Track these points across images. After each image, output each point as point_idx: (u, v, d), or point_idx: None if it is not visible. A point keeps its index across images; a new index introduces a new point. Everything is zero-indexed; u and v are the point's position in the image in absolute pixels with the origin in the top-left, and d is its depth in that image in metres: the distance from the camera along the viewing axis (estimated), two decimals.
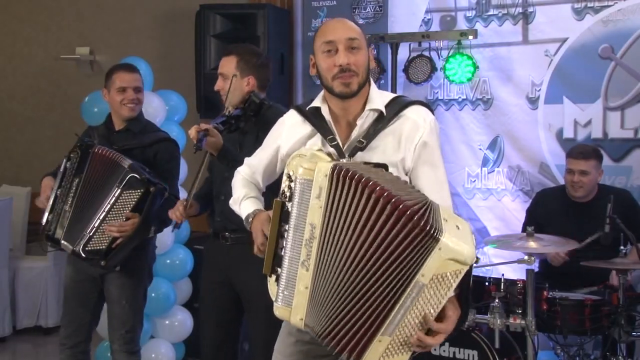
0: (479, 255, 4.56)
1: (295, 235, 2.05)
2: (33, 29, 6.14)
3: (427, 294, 1.92)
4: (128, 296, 3.41)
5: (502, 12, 4.52)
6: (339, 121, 2.23)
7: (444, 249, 1.87)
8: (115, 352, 3.48)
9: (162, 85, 4.68)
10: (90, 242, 3.22)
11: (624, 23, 4.21)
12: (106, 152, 3.26)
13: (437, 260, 1.88)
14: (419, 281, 1.90)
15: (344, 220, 1.96)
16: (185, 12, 5.20)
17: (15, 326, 5.31)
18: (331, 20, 2.25)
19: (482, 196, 4.65)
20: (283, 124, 2.35)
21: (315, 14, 5.06)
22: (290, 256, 2.06)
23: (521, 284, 3.49)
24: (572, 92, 4.36)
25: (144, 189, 3.20)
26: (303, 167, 2.04)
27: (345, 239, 1.96)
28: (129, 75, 3.43)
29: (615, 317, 3.41)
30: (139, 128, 3.47)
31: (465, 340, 3.49)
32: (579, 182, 3.84)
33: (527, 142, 4.51)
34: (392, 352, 1.98)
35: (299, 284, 2.04)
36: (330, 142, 2.18)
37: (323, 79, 2.18)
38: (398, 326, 1.94)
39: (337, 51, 2.13)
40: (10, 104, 6.24)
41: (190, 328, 4.48)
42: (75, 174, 3.27)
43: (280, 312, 2.11)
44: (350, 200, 1.95)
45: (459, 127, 4.69)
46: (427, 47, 4.48)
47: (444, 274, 1.90)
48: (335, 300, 1.99)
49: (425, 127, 2.20)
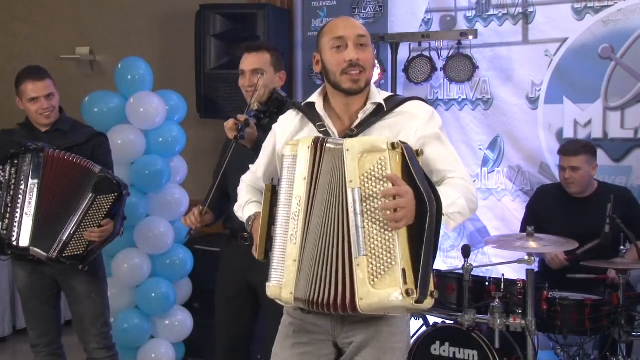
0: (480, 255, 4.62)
1: (284, 212, 2.09)
2: (33, 29, 6.13)
3: (369, 195, 1.97)
4: (96, 289, 3.44)
5: (502, 12, 4.52)
6: (341, 116, 2.25)
7: (351, 148, 1.99)
8: (92, 351, 3.47)
9: (162, 85, 4.68)
10: (67, 248, 3.22)
11: (624, 23, 4.21)
12: (63, 154, 3.25)
13: (352, 161, 1.98)
14: (351, 188, 1.98)
15: (327, 186, 2.03)
16: (185, 12, 5.19)
17: (15, 326, 5.30)
18: (338, 19, 2.29)
19: (482, 196, 4.65)
20: (277, 124, 2.40)
21: (315, 14, 5.05)
22: (281, 234, 2.09)
23: (521, 284, 3.49)
24: (572, 92, 4.36)
25: (118, 193, 3.24)
26: (289, 145, 2.11)
27: (324, 201, 2.03)
28: (38, 84, 3.38)
29: (615, 317, 3.41)
30: (67, 127, 3.46)
31: (465, 340, 3.49)
32: (571, 178, 3.85)
33: (527, 142, 4.51)
34: (379, 268, 1.97)
35: (288, 259, 2.06)
36: (319, 128, 2.21)
37: (331, 74, 2.20)
38: (365, 239, 1.97)
39: (346, 47, 2.17)
40: (10, 103, 6.19)
41: (190, 328, 4.48)
42: (32, 177, 3.22)
43: (272, 291, 2.11)
44: (327, 164, 2.03)
45: (459, 127, 4.68)
46: (427, 47, 4.48)
47: (369, 170, 1.98)
48: (316, 262, 2.02)
49: (423, 117, 2.23)
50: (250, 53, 3.17)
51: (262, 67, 3.12)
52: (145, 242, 4.30)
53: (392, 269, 1.95)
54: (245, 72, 3.15)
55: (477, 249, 4.56)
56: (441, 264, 4.65)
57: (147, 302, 4.31)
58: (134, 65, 4.48)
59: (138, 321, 4.31)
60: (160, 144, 4.41)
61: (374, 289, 1.95)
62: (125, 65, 4.48)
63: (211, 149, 4.72)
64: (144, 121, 4.34)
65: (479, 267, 3.83)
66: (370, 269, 1.96)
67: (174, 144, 4.46)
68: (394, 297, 1.95)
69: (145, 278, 4.33)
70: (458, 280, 3.59)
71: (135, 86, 4.40)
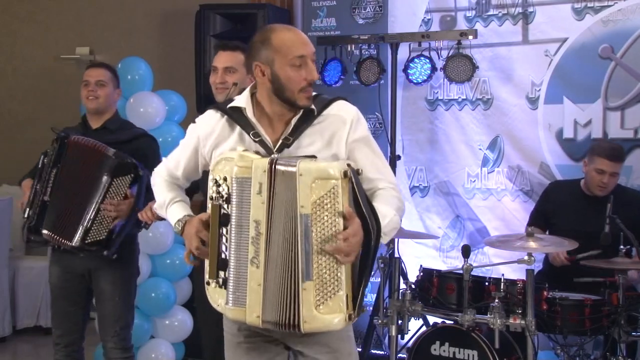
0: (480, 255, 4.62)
1: (240, 235, 2.09)
2: (33, 29, 6.14)
3: (318, 223, 2.00)
4: (121, 292, 3.44)
5: (502, 12, 4.52)
6: (274, 123, 2.24)
7: (304, 173, 2.00)
8: (109, 350, 3.48)
9: (162, 85, 4.68)
10: (89, 234, 3.23)
11: (624, 23, 4.21)
12: (83, 140, 3.29)
13: (305, 185, 1.99)
14: (302, 214, 2.00)
15: (282, 208, 2.04)
16: (185, 12, 5.19)
17: (15, 326, 5.31)
18: (289, 31, 2.24)
19: (482, 196, 4.65)
20: (201, 122, 2.35)
21: (315, 14, 5.06)
22: (237, 257, 2.09)
23: (521, 284, 3.49)
24: (572, 92, 4.36)
25: (134, 174, 3.26)
26: (238, 166, 2.08)
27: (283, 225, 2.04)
28: (92, 70, 3.53)
29: (615, 317, 3.41)
30: (116, 126, 3.51)
31: (465, 341, 3.49)
32: (609, 184, 3.82)
33: (527, 142, 4.51)
34: (325, 294, 2.02)
35: (251, 282, 2.07)
36: (254, 137, 2.20)
37: (287, 91, 2.18)
38: (311, 266, 2.01)
39: (306, 65, 2.17)
40: (10, 103, 6.24)
41: (190, 328, 4.48)
42: (53, 166, 3.28)
43: (234, 314, 2.12)
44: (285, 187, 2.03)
45: (459, 127, 4.68)
46: (427, 47, 4.48)
47: (321, 197, 2.00)
48: (285, 286, 2.04)
49: (352, 122, 2.25)
50: (225, 51, 3.18)
51: (234, 66, 3.13)
52: (145, 242, 4.28)
53: (337, 295, 2.03)
54: (217, 69, 3.17)
55: (476, 249, 4.56)
56: (441, 264, 4.65)
57: (147, 302, 4.31)
58: (134, 65, 4.48)
59: (138, 321, 4.29)
60: (160, 144, 4.39)
61: (319, 314, 2.03)
62: (125, 65, 4.48)
63: None
64: (144, 121, 4.32)
65: (479, 267, 3.83)
66: (317, 294, 2.02)
67: (174, 144, 4.38)
68: (336, 321, 2.04)
69: (145, 278, 4.33)
70: (458, 280, 3.59)
71: (135, 86, 4.40)
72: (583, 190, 3.96)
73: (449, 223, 4.76)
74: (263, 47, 2.19)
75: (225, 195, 2.11)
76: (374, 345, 4.52)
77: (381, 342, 4.61)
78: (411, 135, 4.82)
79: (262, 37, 2.20)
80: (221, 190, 2.12)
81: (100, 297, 3.45)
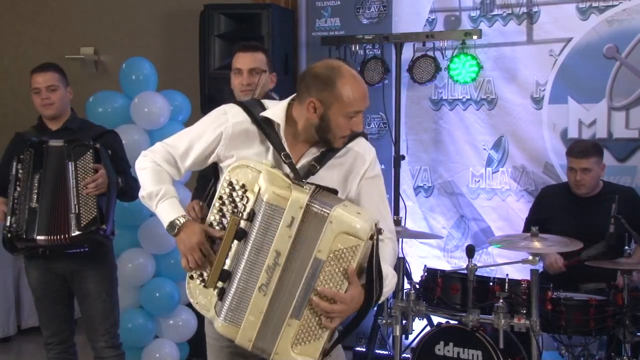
0: (484, 255, 4.62)
1: (257, 259, 2.07)
2: (38, 29, 6.15)
3: (327, 272, 2.02)
4: (107, 289, 3.48)
5: (507, 12, 4.52)
6: (298, 141, 2.22)
7: (335, 222, 2.00)
8: (101, 350, 3.49)
9: (166, 85, 4.69)
10: (81, 218, 3.25)
11: (628, 23, 4.21)
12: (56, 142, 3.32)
13: (331, 233, 1.99)
14: (317, 257, 2.01)
15: (300, 245, 2.04)
16: (189, 12, 5.20)
17: (19, 325, 5.32)
18: (359, 84, 2.16)
19: (486, 196, 4.65)
20: (227, 120, 2.24)
21: (320, 14, 5.06)
22: (247, 279, 2.08)
23: (525, 284, 3.48)
24: (576, 92, 4.36)
25: (92, 149, 3.31)
26: (275, 193, 2.05)
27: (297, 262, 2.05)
28: (40, 75, 3.45)
29: (620, 318, 3.40)
30: (76, 125, 3.53)
31: (470, 341, 3.49)
32: (582, 180, 3.84)
33: (531, 142, 4.50)
34: (305, 338, 2.06)
35: (254, 307, 2.07)
36: (284, 158, 2.16)
37: (329, 133, 2.15)
38: (304, 307, 2.04)
39: (357, 117, 2.15)
40: (15, 104, 6.25)
41: (194, 328, 4.48)
42: (34, 171, 3.28)
43: (226, 330, 2.13)
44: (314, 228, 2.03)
45: (463, 127, 4.68)
46: (431, 47, 4.47)
47: (340, 250, 2.00)
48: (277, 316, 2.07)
49: (370, 161, 2.26)
50: (246, 52, 3.18)
51: (259, 66, 3.13)
52: (149, 242, 4.30)
53: (317, 342, 2.07)
54: (242, 70, 3.15)
55: (481, 249, 4.56)
56: (445, 264, 4.65)
57: (152, 301, 4.31)
58: (138, 65, 4.49)
59: (142, 321, 4.31)
60: None
61: (292, 352, 2.07)
62: (129, 65, 4.49)
63: None
64: (148, 121, 4.34)
65: (483, 267, 3.83)
66: (298, 334, 2.07)
67: None
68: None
69: (149, 278, 4.33)
70: (462, 281, 3.58)
71: (139, 86, 4.41)
72: (572, 192, 3.96)
73: (453, 223, 4.76)
74: (325, 88, 2.11)
75: (243, 207, 2.09)
76: (378, 345, 4.52)
77: (385, 342, 4.61)
78: (415, 135, 4.82)
79: (327, 77, 2.12)
80: (236, 197, 2.10)
81: (85, 297, 3.46)
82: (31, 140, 3.34)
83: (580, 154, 3.84)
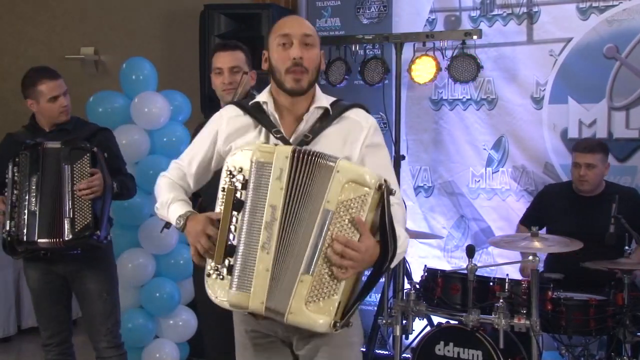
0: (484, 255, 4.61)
1: (254, 220, 2.05)
2: (38, 29, 6.15)
3: (338, 224, 1.98)
4: (108, 289, 3.49)
5: (507, 12, 4.51)
6: (285, 117, 2.24)
7: (342, 171, 1.98)
8: (102, 350, 3.50)
9: (167, 85, 4.69)
10: (75, 222, 3.24)
11: (628, 23, 4.21)
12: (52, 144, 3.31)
13: (338, 183, 1.97)
14: (326, 208, 1.98)
15: (301, 197, 2.02)
16: (189, 12, 5.20)
17: (20, 326, 5.32)
18: (288, 17, 2.29)
19: (487, 196, 4.65)
20: (221, 118, 2.30)
21: (320, 14, 5.06)
22: (247, 241, 2.05)
23: (525, 284, 3.49)
24: (576, 92, 4.36)
25: (90, 153, 3.30)
26: (260, 151, 2.06)
27: (300, 213, 2.02)
28: (55, 82, 3.44)
29: (620, 318, 3.41)
30: (72, 125, 3.52)
31: (470, 341, 3.49)
32: (585, 176, 3.85)
33: (531, 142, 4.50)
34: (319, 294, 1.99)
35: (259, 267, 2.03)
36: (275, 134, 2.19)
37: (276, 72, 2.19)
38: (316, 261, 1.98)
39: (291, 44, 2.16)
40: (15, 104, 6.23)
41: (194, 328, 4.48)
42: (31, 174, 3.27)
43: (237, 299, 2.06)
44: (308, 176, 2.01)
45: (463, 127, 4.68)
46: (431, 47, 4.47)
47: (348, 200, 1.98)
48: (288, 273, 2.02)
49: (370, 128, 2.24)
50: (226, 51, 3.17)
51: (239, 65, 3.13)
52: (149, 242, 4.31)
53: (331, 299, 2.00)
54: (223, 70, 3.15)
55: (481, 249, 4.56)
56: (445, 264, 4.65)
57: (152, 302, 4.32)
58: (139, 65, 4.49)
59: (142, 321, 4.32)
60: (164, 144, 4.42)
61: (306, 310, 1.99)
62: (129, 65, 4.49)
63: None
64: (149, 121, 4.35)
65: (484, 267, 3.83)
66: (311, 291, 2.00)
67: (178, 144, 4.45)
68: (321, 322, 2.00)
69: (149, 278, 4.34)
70: (462, 280, 3.59)
71: (139, 86, 4.41)
72: (574, 191, 3.97)
73: (454, 223, 4.76)
74: (269, 37, 2.21)
75: (241, 183, 2.08)
76: (378, 345, 4.52)
77: (385, 342, 4.61)
78: (415, 135, 4.82)
79: (271, 30, 2.23)
80: (235, 180, 2.09)
81: (86, 298, 3.46)
82: (26, 142, 3.32)
83: (586, 149, 3.86)
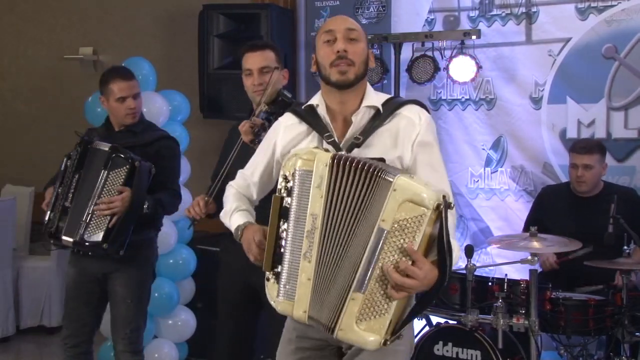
0: (483, 255, 4.61)
1: (297, 229, 2.06)
2: (37, 29, 6.15)
3: (392, 243, 1.92)
4: (133, 295, 3.44)
5: (506, 12, 4.51)
6: (336, 118, 2.23)
7: (399, 189, 1.91)
8: (119, 352, 3.49)
9: (166, 85, 4.69)
10: (88, 228, 3.23)
11: (627, 23, 4.21)
12: (101, 144, 3.30)
13: (395, 201, 1.91)
14: (380, 227, 1.93)
15: (344, 207, 1.99)
16: (188, 12, 5.20)
17: (18, 326, 5.32)
18: (333, 17, 2.33)
19: (485, 196, 4.65)
20: (279, 126, 2.34)
21: (318, 14, 5.06)
22: (292, 250, 2.06)
23: (524, 284, 3.49)
24: (575, 92, 4.36)
25: (130, 166, 3.24)
26: (302, 159, 2.06)
27: (345, 224, 1.99)
28: (127, 83, 3.44)
29: (619, 318, 3.41)
30: (140, 128, 3.50)
31: (468, 341, 3.49)
32: (583, 177, 3.85)
33: (530, 142, 4.50)
34: (371, 313, 1.96)
35: (302, 276, 2.04)
36: (327, 139, 2.18)
37: (322, 69, 2.20)
38: (368, 280, 1.94)
39: (335, 40, 2.17)
40: (14, 103, 6.25)
41: (193, 328, 4.49)
42: (76, 171, 3.29)
43: (283, 307, 2.10)
44: (351, 185, 1.99)
45: (462, 127, 4.68)
46: (430, 47, 4.48)
47: (404, 220, 1.91)
48: (336, 287, 2.00)
49: (422, 125, 2.21)
50: (255, 52, 3.13)
51: (269, 64, 3.10)
52: None
53: (382, 317, 1.96)
54: (252, 71, 3.11)
55: (480, 249, 4.56)
56: None
57: (151, 302, 4.29)
58: (138, 65, 4.47)
59: None
60: None
61: (357, 328, 1.97)
62: (128, 65, 4.43)
63: (214, 149, 4.69)
64: None
65: (482, 267, 3.83)
66: (363, 308, 1.97)
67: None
68: (371, 340, 1.97)
69: None
70: (461, 281, 3.59)
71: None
72: (572, 192, 3.97)
73: None
74: (315, 38, 2.26)
75: (287, 191, 2.08)
76: None
77: None
78: None
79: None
80: (282, 188, 2.10)
81: (113, 299, 3.46)
82: (82, 137, 3.34)
83: (583, 150, 3.86)
